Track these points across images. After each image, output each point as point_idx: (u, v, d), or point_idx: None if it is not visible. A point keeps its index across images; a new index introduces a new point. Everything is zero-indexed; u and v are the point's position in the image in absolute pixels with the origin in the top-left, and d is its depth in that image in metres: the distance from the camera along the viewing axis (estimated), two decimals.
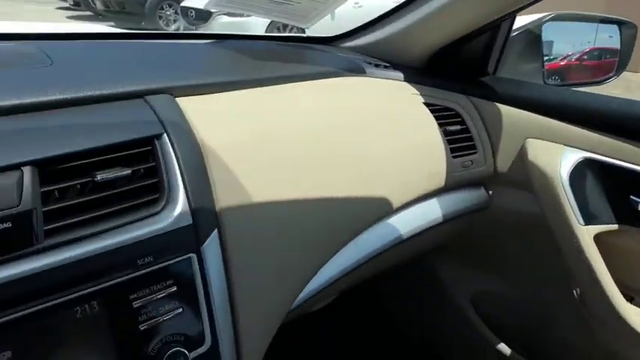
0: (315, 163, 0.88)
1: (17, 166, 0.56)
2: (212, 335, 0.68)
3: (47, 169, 0.59)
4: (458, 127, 1.15)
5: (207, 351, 0.67)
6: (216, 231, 0.70)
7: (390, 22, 1.26)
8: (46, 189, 0.58)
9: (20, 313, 0.54)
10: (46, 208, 0.58)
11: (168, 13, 8.14)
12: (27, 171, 0.56)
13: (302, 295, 0.88)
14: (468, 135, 1.17)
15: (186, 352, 0.63)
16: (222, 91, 0.86)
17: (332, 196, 0.89)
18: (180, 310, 0.65)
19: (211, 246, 0.69)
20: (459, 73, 1.26)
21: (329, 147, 0.92)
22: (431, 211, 1.12)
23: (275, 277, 0.79)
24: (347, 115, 1.00)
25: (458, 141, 1.14)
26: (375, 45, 1.29)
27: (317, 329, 1.66)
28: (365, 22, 1.33)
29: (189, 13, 6.54)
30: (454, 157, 1.12)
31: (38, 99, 0.65)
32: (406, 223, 1.06)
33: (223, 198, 0.73)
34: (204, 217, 0.69)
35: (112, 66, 0.85)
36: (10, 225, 0.54)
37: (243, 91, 0.89)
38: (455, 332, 1.51)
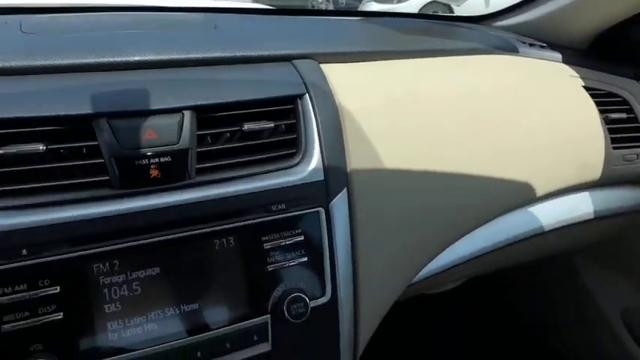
0: (454, 139, 0.85)
1: (179, 110, 0.63)
2: (332, 288, 0.70)
3: (204, 115, 0.65)
4: (623, 116, 1.01)
5: (326, 302, 0.69)
6: (345, 190, 0.72)
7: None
8: (200, 133, 0.64)
9: (169, 237, 0.61)
10: (200, 149, 0.64)
11: (319, 0, 8.42)
12: (187, 114, 0.63)
13: (423, 272, 0.86)
14: (636, 125, 1.02)
15: (307, 299, 0.66)
16: (365, 61, 0.87)
17: (468, 174, 0.85)
18: (305, 259, 0.68)
19: (340, 203, 0.71)
20: (629, 56, 1.11)
21: (471, 123, 0.87)
22: (579, 206, 1.00)
23: (397, 246, 0.79)
24: (495, 92, 0.94)
25: (621, 131, 1.00)
26: (530, 24, 1.19)
27: (437, 314, 1.61)
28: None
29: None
30: (615, 148, 0.99)
31: (202, 55, 0.72)
32: (547, 214, 0.97)
33: (355, 160, 0.74)
34: (336, 175, 0.71)
35: (266, 33, 0.91)
36: (169, 159, 0.61)
37: (387, 61, 0.89)
38: (599, 349, 1.35)
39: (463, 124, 0.86)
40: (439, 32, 1.15)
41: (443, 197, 0.84)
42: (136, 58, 0.67)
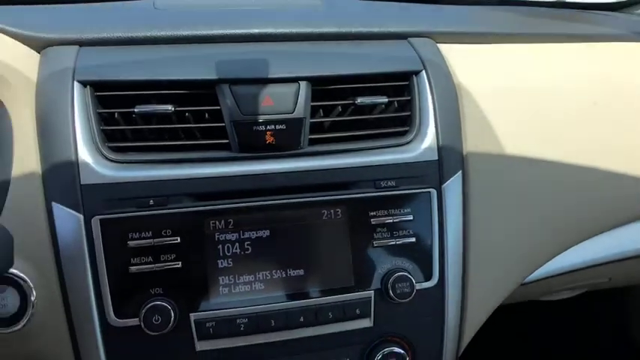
0: (581, 130, 0.77)
1: (296, 80, 0.64)
2: (440, 273, 0.67)
3: (319, 87, 0.66)
4: None
5: (432, 287, 0.66)
6: (460, 172, 0.68)
7: None
8: (315, 104, 0.65)
9: (280, 201, 0.62)
10: (313, 120, 0.65)
11: None
12: (303, 85, 0.64)
13: (537, 274, 0.79)
14: None
15: (413, 280, 0.64)
16: (487, 43, 0.82)
17: (596, 169, 0.77)
18: (413, 239, 0.66)
19: (453, 186, 0.68)
20: None
21: (601, 113, 0.79)
22: None
23: (511, 239, 0.73)
24: (632, 82, 0.84)
25: None
26: None
27: (548, 320, 1.48)
28: None
29: None
30: None
31: (319, 30, 0.73)
32: None
33: (473, 143, 0.70)
34: (451, 156, 0.68)
35: (380, 13, 0.90)
36: (284, 127, 0.63)
37: (511, 45, 0.83)
38: None
39: (592, 115, 0.78)
40: (569, 18, 1.06)
41: (565, 193, 0.76)
42: (257, 31, 0.70)
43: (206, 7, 0.80)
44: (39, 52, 0.65)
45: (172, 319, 0.57)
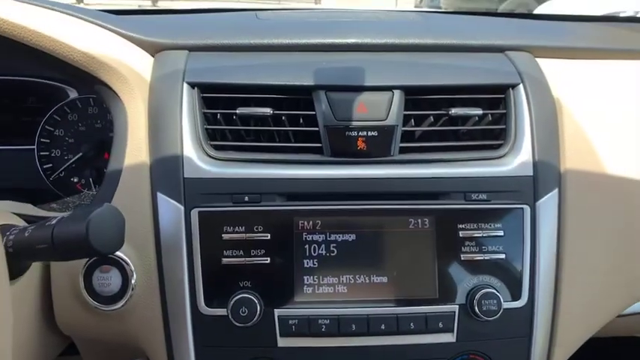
0: None
1: (390, 88, 0.65)
2: (530, 294, 0.63)
3: (412, 96, 0.66)
4: None
5: (520, 307, 0.63)
6: (557, 190, 0.65)
7: None
8: (407, 112, 0.65)
9: (367, 207, 0.63)
10: (405, 128, 0.65)
11: None
12: (397, 93, 0.65)
13: (637, 306, 0.73)
14: None
15: (500, 298, 0.61)
16: (585, 58, 0.79)
17: None
18: (503, 256, 0.63)
19: (549, 203, 0.65)
20: None
21: None
22: None
23: (608, 266, 0.68)
24: None
25: None
26: None
27: None
28: None
29: None
30: None
31: (415, 41, 0.74)
32: None
33: (571, 160, 0.67)
34: (547, 172, 0.65)
35: (476, 27, 0.89)
36: (376, 134, 0.64)
37: (612, 60, 0.79)
38: None
39: None
40: None
41: None
42: (354, 40, 0.72)
43: (305, 19, 0.84)
44: (153, 56, 0.71)
45: (258, 312, 0.59)
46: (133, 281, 0.61)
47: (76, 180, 0.87)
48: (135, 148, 0.64)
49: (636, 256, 0.70)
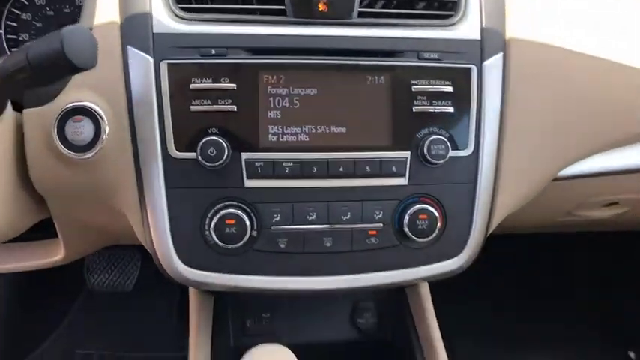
0: (629, 29, 0.78)
1: None
2: (475, 145, 0.70)
3: None
4: None
5: (467, 156, 0.70)
6: (501, 55, 0.71)
7: None
8: None
9: (328, 61, 0.67)
10: None
11: None
12: None
13: (571, 170, 0.80)
14: None
15: (448, 144, 0.67)
16: None
17: None
18: (452, 109, 0.69)
19: (494, 65, 0.71)
20: None
21: None
22: None
23: (547, 128, 0.75)
24: None
25: None
26: None
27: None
28: None
29: None
30: None
31: None
32: None
33: (515, 30, 0.73)
34: (493, 38, 0.71)
35: None
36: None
37: None
38: None
39: None
40: None
41: (606, 92, 0.77)
42: None
43: None
44: None
45: (225, 155, 0.63)
46: (106, 130, 0.64)
47: None
48: (104, 10, 0.67)
49: (571, 123, 0.77)
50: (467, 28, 0.71)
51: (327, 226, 0.68)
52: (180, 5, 0.67)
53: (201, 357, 0.87)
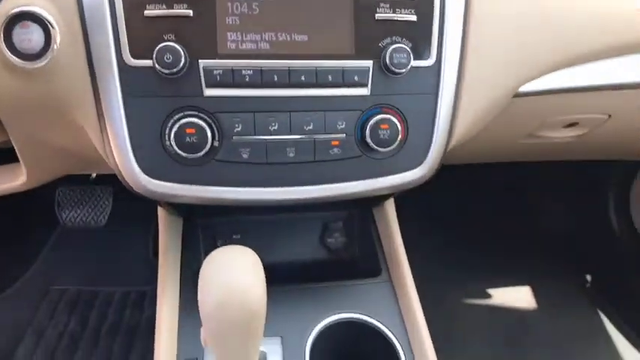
0: None
1: None
2: (437, 55, 0.70)
3: None
4: None
5: (429, 66, 0.69)
6: None
7: None
8: None
9: None
10: None
11: None
12: None
13: (531, 86, 0.81)
14: None
15: (410, 53, 0.67)
16: None
17: None
18: (414, 18, 0.68)
19: None
20: None
21: None
22: None
23: (509, 44, 0.74)
24: None
25: None
26: None
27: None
28: None
29: None
30: None
31: None
32: None
33: None
34: None
35: None
36: None
37: None
38: None
39: None
40: None
41: (572, 3, 0.77)
42: None
43: None
44: None
45: (182, 62, 0.62)
46: (57, 37, 0.61)
47: None
48: None
49: (535, 36, 0.77)
50: None
51: (290, 136, 0.68)
52: None
53: (170, 278, 0.88)
